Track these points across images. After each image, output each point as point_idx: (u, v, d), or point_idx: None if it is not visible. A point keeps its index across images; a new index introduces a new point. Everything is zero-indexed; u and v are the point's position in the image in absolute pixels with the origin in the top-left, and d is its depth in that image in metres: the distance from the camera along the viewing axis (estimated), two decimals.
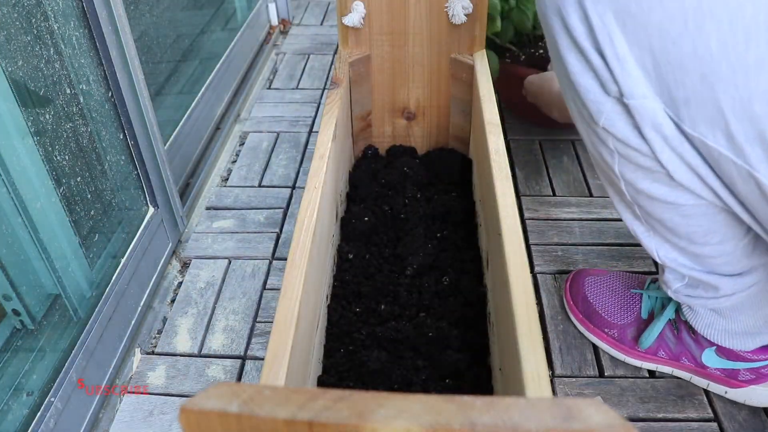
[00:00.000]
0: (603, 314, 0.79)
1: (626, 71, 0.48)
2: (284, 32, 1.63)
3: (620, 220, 0.99)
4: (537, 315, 0.50)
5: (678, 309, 0.73)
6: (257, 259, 0.95)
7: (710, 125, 0.47)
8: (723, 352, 0.71)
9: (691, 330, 0.72)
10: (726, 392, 0.73)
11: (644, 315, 0.77)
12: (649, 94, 0.48)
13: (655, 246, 0.63)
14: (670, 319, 0.74)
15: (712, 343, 0.71)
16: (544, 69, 1.06)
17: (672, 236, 0.61)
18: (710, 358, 0.72)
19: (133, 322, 0.82)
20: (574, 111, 0.56)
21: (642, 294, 0.78)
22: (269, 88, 1.39)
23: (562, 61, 0.53)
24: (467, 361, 0.68)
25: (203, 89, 1.16)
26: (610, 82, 0.50)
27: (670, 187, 0.54)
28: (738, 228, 0.59)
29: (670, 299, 0.75)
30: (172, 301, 0.89)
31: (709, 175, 0.52)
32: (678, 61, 0.46)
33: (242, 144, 1.21)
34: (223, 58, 1.26)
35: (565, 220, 1.00)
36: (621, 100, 0.50)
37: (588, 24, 0.49)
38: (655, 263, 0.91)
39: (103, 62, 0.76)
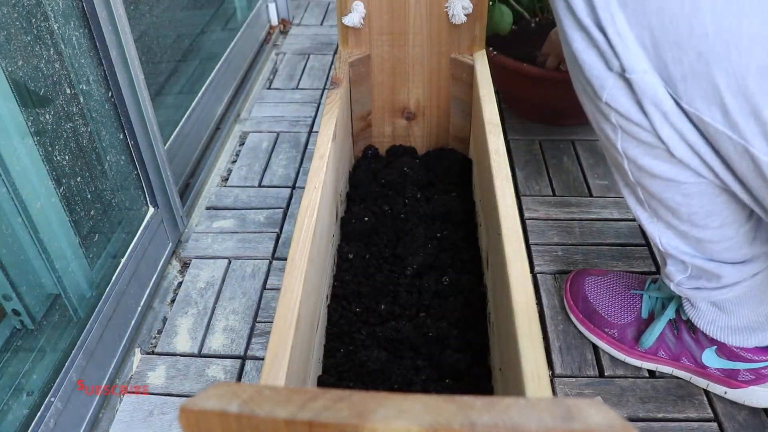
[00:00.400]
0: (603, 314, 0.79)
1: (627, 47, 0.50)
2: (284, 32, 1.63)
3: (620, 220, 0.99)
4: (537, 315, 0.50)
5: (679, 308, 0.73)
6: (257, 259, 0.95)
7: (706, 101, 0.48)
8: (723, 352, 0.71)
9: (692, 330, 0.72)
10: (726, 392, 0.73)
11: (644, 315, 0.77)
12: (649, 70, 0.50)
13: (657, 233, 0.64)
14: (670, 319, 0.74)
15: (712, 343, 0.71)
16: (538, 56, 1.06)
17: (674, 219, 0.61)
18: (710, 358, 0.72)
19: (133, 322, 0.82)
20: (579, 88, 0.58)
21: (642, 294, 0.78)
22: (269, 88, 1.39)
23: (566, 39, 0.55)
24: (467, 361, 0.68)
25: (203, 89, 1.16)
26: (612, 57, 0.51)
27: (670, 164, 0.55)
28: (739, 212, 0.59)
29: (670, 299, 0.75)
30: (172, 301, 0.89)
31: (708, 153, 0.52)
32: (675, 39, 0.47)
33: (242, 144, 1.21)
34: (223, 58, 1.26)
35: (565, 220, 1.00)
36: (623, 75, 0.51)
37: (590, 3, 0.50)
38: (656, 262, 0.91)
39: (103, 62, 0.76)
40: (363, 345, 0.71)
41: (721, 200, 0.58)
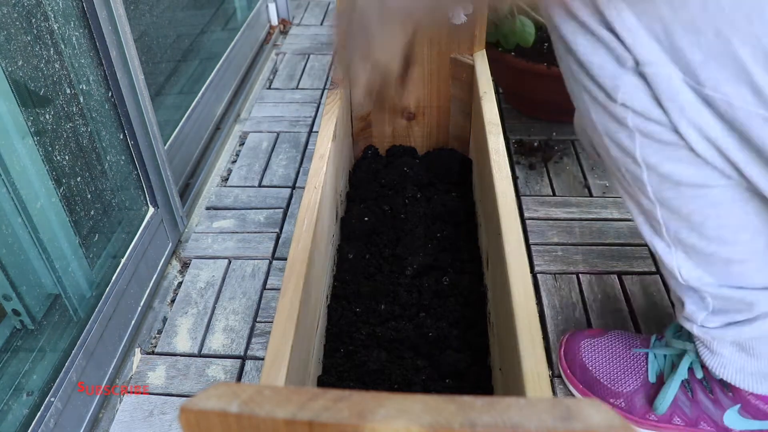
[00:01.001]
0: (606, 383, 0.70)
1: (639, 40, 0.46)
2: (284, 32, 1.63)
3: (620, 220, 0.99)
4: (537, 315, 0.50)
5: (692, 366, 0.66)
6: (257, 259, 0.95)
7: (733, 82, 0.44)
8: (748, 410, 0.64)
9: (708, 389, 0.65)
10: None
11: (652, 378, 0.69)
12: (666, 62, 0.46)
13: (676, 263, 0.58)
14: (683, 380, 0.66)
15: (734, 402, 0.64)
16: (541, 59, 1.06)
17: (700, 240, 0.55)
18: (733, 420, 0.65)
19: (133, 322, 0.82)
20: (586, 101, 0.53)
21: (648, 353, 0.70)
22: (269, 88, 1.39)
23: (569, 49, 0.51)
24: (467, 361, 0.68)
25: (203, 89, 1.16)
26: (624, 52, 0.47)
27: (695, 166, 0.50)
28: None
29: (680, 357, 0.67)
30: (172, 301, 0.89)
31: (733, 147, 0.48)
32: (689, 22, 0.44)
33: (242, 144, 1.21)
34: (223, 58, 1.26)
35: (565, 220, 1.00)
36: (637, 69, 0.47)
37: (593, 4, 0.47)
38: (656, 263, 0.91)
39: (103, 62, 0.76)
40: (363, 345, 0.71)
41: (751, 207, 0.53)
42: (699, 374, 0.65)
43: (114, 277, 0.78)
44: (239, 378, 0.78)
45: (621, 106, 0.50)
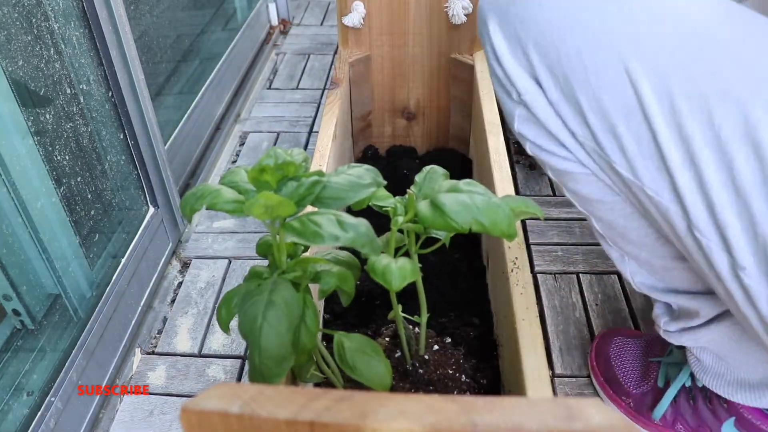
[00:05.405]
0: (622, 381, 0.72)
1: (513, 70, 0.49)
2: (284, 32, 1.63)
3: None
4: (537, 315, 0.50)
5: (693, 374, 0.66)
6: (258, 259, 0.95)
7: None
8: (743, 424, 0.64)
9: (708, 399, 0.66)
10: None
11: (660, 383, 0.70)
12: (535, 89, 0.49)
13: (629, 271, 0.59)
14: (686, 387, 0.67)
15: (730, 414, 0.64)
16: None
17: (633, 248, 0.56)
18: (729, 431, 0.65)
19: (133, 322, 0.82)
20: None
21: (660, 361, 0.71)
22: (269, 88, 1.39)
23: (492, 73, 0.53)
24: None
25: (203, 89, 1.16)
26: (509, 85, 0.50)
27: (589, 183, 0.52)
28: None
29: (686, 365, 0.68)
30: (173, 301, 0.89)
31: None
32: (535, 41, 0.47)
33: (242, 144, 1.21)
34: (223, 58, 1.26)
35: (565, 220, 1.00)
36: (521, 100, 0.50)
37: (490, 43, 0.50)
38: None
39: (103, 62, 0.76)
40: None
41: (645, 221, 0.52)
42: (700, 383, 0.65)
43: (114, 277, 0.78)
44: (239, 378, 0.78)
45: (519, 135, 0.53)
